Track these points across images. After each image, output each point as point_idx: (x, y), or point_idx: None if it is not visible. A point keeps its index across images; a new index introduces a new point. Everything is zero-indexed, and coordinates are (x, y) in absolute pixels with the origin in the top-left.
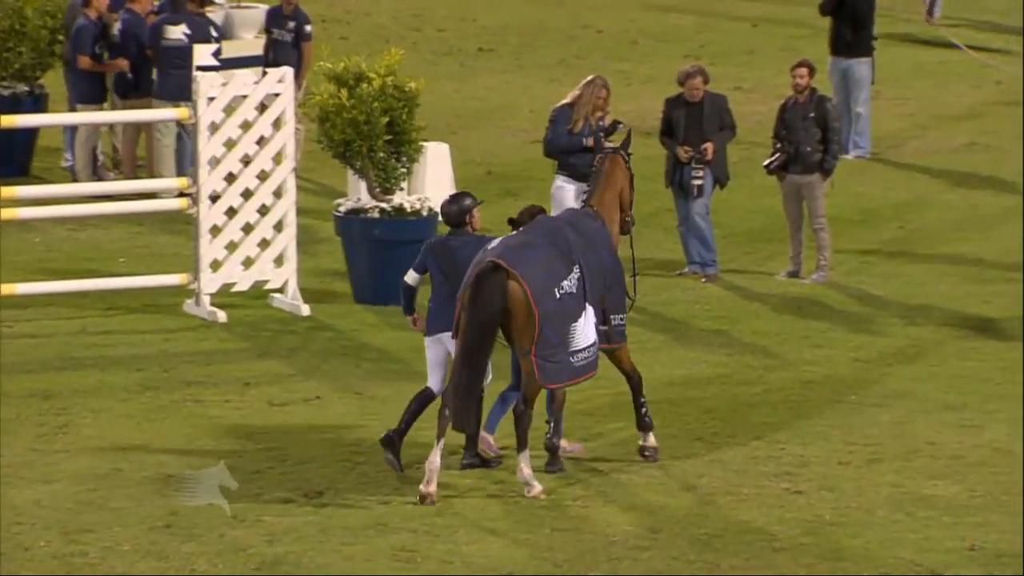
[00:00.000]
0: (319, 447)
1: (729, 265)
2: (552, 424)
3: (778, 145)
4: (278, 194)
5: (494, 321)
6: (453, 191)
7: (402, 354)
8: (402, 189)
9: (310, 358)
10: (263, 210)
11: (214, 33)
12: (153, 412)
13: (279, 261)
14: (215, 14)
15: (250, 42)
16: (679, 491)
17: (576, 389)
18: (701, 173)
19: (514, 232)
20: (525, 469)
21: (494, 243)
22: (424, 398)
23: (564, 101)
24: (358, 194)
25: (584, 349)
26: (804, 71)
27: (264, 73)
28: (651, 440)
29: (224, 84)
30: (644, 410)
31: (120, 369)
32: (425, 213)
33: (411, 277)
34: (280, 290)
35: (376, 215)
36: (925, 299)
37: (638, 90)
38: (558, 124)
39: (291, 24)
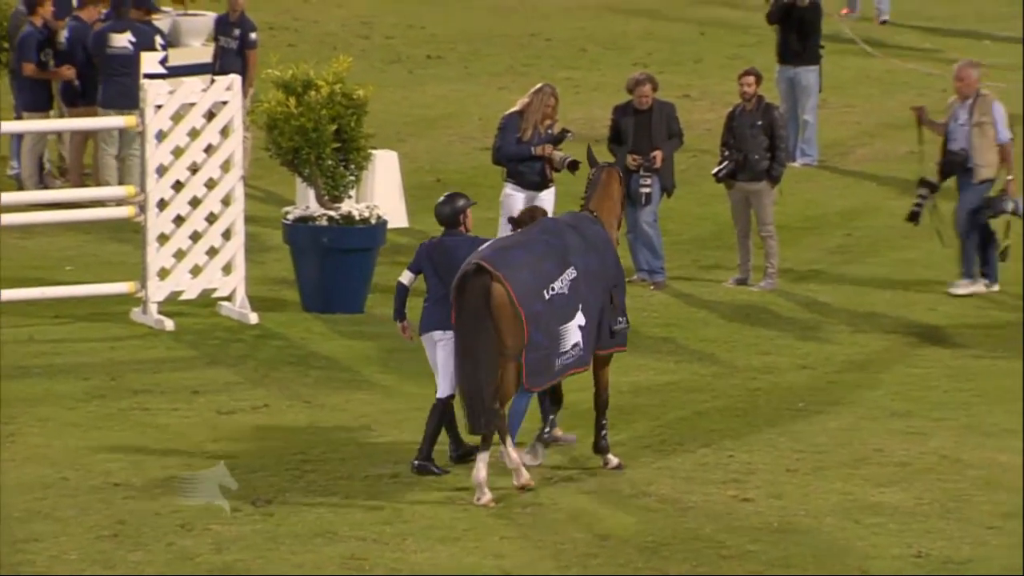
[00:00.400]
0: (267, 455)
1: (677, 273)
2: (551, 420)
3: (726, 153)
4: (226, 202)
5: (480, 322)
6: (401, 199)
7: (350, 362)
8: (350, 197)
9: (258, 366)
10: (211, 218)
11: (160, 41)
12: (101, 421)
13: (227, 269)
14: (162, 22)
15: (197, 50)
16: (628, 499)
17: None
18: (649, 181)
19: (511, 232)
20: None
21: (485, 244)
22: (439, 412)
23: (513, 109)
24: (306, 202)
25: (568, 350)
26: (752, 79)
27: (212, 81)
28: (612, 461)
29: (171, 92)
30: (604, 432)
31: (68, 377)
32: (374, 221)
33: (405, 277)
34: (228, 298)
35: (324, 223)
36: (872, 306)
37: (587, 97)
38: (507, 132)
39: (237, 32)
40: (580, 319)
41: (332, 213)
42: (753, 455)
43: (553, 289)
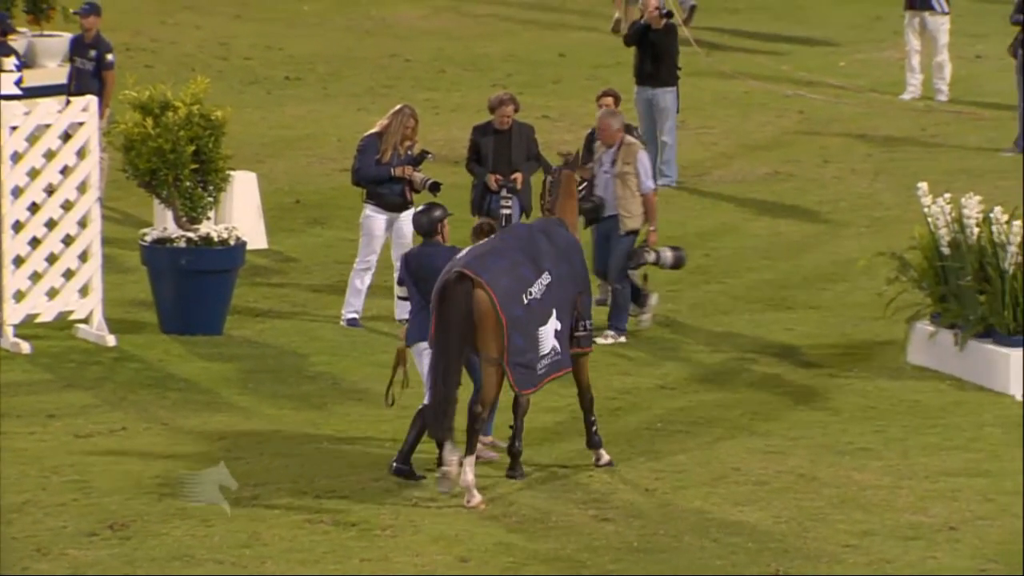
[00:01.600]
0: (124, 479)
1: None
2: (514, 430)
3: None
4: (83, 224)
5: (461, 329)
6: (260, 220)
7: (209, 384)
8: (209, 218)
9: (116, 389)
10: (68, 240)
11: (15, 61)
12: None
13: (84, 291)
14: (17, 42)
15: (53, 71)
16: (488, 519)
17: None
18: (510, 202)
19: (483, 241)
20: (469, 475)
21: (462, 252)
22: (423, 418)
23: (372, 130)
24: (164, 223)
25: (548, 353)
26: (610, 100)
27: (68, 102)
28: (604, 457)
29: (27, 113)
30: (594, 428)
31: None
32: (232, 242)
33: (398, 289)
34: (86, 320)
35: (183, 244)
36: (730, 326)
37: (447, 118)
38: (366, 154)
39: (93, 53)
40: (555, 323)
41: (190, 234)
42: (613, 474)
43: (530, 294)
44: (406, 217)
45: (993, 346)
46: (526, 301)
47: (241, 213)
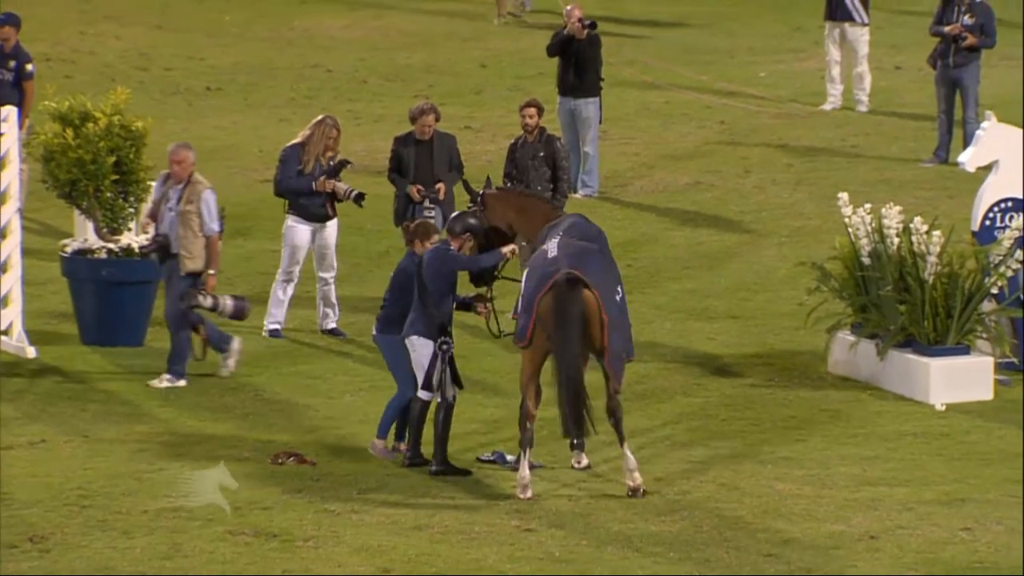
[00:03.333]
0: (44, 491)
1: None
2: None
3: (508, 184)
4: (3, 235)
5: (582, 329)
6: None
7: (130, 396)
8: (130, 229)
9: (36, 401)
10: None
11: None
12: None
13: (4, 303)
14: None
15: None
16: (410, 530)
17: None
18: (433, 212)
19: (557, 236)
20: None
21: (552, 249)
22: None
23: (295, 141)
24: (85, 234)
25: (627, 344)
26: (533, 111)
27: None
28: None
29: None
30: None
31: None
32: None
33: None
34: (6, 332)
35: (104, 256)
36: (652, 336)
37: (368, 129)
38: (288, 164)
39: (13, 63)
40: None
41: (111, 246)
42: (535, 485)
43: (618, 292)
44: (330, 227)
45: (913, 356)
46: (617, 299)
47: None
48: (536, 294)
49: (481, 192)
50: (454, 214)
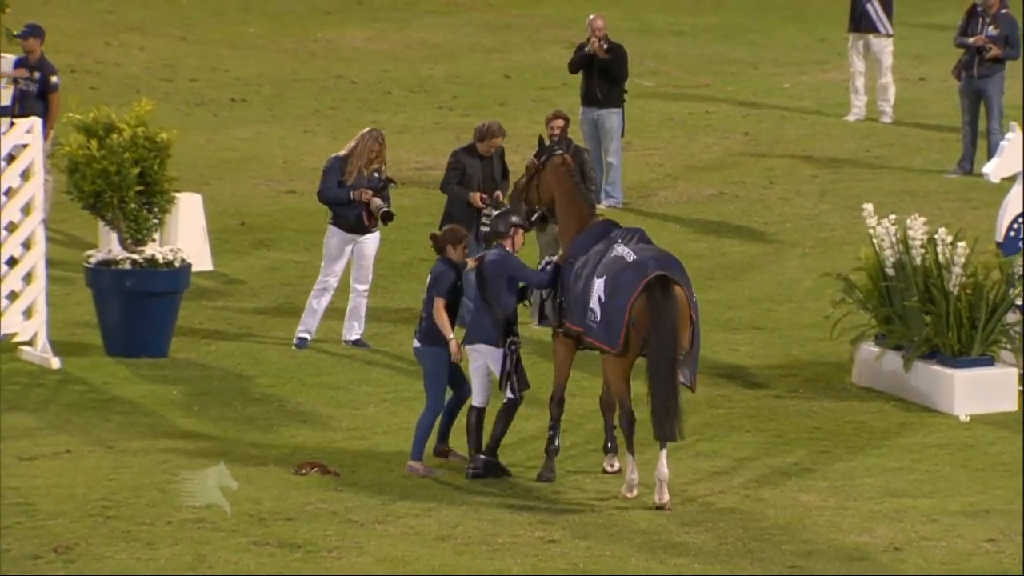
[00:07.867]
0: (69, 501)
1: None
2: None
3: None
4: (27, 246)
5: (677, 330)
6: (206, 242)
7: (154, 407)
8: (154, 240)
9: (60, 411)
10: (12, 262)
11: None
12: None
13: (28, 313)
14: None
15: None
16: (434, 541)
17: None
18: (489, 220)
19: (622, 242)
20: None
21: (628, 254)
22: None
23: (340, 152)
24: (109, 245)
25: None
26: (561, 122)
27: (12, 123)
28: (616, 465)
29: None
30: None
31: None
32: (177, 264)
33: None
34: (30, 343)
35: (128, 266)
36: None
37: (392, 140)
38: (329, 175)
39: (37, 75)
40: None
41: (135, 256)
42: (559, 496)
43: (695, 295)
44: (369, 239)
45: (938, 367)
46: (693, 300)
47: (186, 235)
48: (628, 298)
49: (553, 151)
50: (494, 214)
